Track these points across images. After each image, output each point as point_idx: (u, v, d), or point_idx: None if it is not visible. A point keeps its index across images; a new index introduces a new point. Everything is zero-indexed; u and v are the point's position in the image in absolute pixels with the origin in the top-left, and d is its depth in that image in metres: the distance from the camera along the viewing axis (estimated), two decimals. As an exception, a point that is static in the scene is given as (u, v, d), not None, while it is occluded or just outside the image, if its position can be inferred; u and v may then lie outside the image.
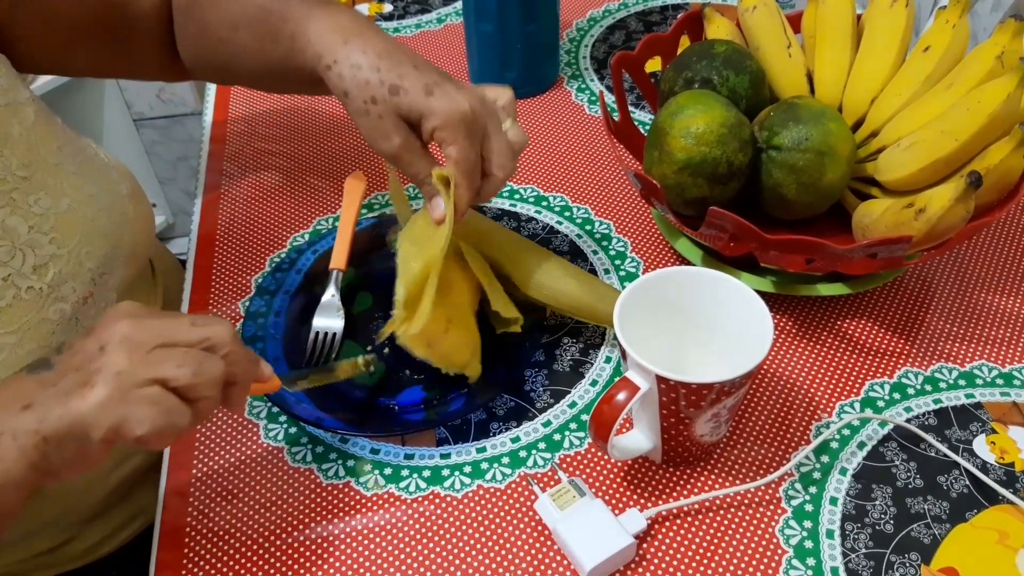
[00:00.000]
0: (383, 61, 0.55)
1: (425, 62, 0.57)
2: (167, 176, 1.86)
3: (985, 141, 0.60)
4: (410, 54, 0.57)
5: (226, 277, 0.72)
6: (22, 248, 0.56)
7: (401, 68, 0.55)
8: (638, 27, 0.99)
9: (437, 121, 0.54)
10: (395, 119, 0.55)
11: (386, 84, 0.55)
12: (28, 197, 0.57)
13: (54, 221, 0.58)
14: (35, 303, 0.57)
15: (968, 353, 0.64)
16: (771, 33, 0.72)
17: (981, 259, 0.71)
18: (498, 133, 0.57)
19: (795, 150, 0.62)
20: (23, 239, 0.57)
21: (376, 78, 0.55)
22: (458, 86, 0.55)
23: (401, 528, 0.55)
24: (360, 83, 0.55)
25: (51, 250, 0.58)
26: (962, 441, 0.58)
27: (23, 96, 0.59)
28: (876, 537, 0.53)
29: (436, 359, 0.58)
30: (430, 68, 0.56)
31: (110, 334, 0.44)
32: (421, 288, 0.55)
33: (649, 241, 0.73)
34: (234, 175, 0.82)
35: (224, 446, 0.60)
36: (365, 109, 0.55)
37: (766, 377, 0.62)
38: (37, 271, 0.57)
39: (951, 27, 0.67)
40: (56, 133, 0.61)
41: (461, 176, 0.55)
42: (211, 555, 0.54)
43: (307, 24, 0.58)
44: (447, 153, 0.55)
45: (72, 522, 0.68)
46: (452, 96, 0.54)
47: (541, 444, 0.59)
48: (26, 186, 0.57)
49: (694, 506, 0.55)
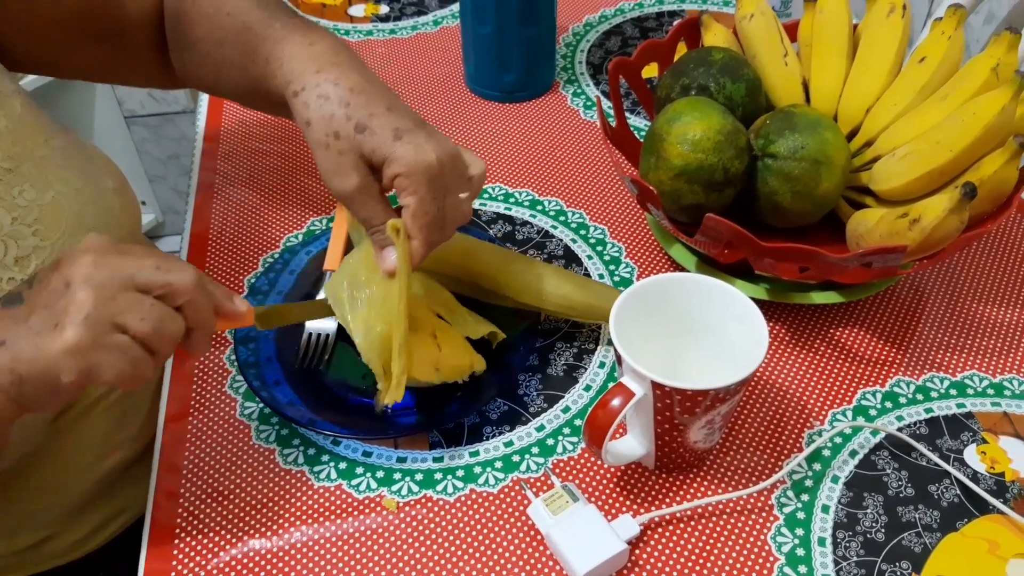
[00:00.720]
0: (355, 97, 0.53)
1: (403, 106, 0.54)
2: (157, 174, 1.85)
3: (979, 152, 0.60)
4: (387, 95, 0.54)
5: (219, 277, 0.71)
6: (4, 239, 0.56)
7: (373, 107, 0.53)
8: (634, 33, 0.99)
9: (400, 168, 0.51)
10: (356, 158, 0.53)
11: (353, 120, 0.52)
12: (12, 189, 0.57)
13: (38, 213, 0.58)
14: None
15: (959, 363, 0.64)
16: (768, 41, 0.72)
17: (974, 270, 0.71)
18: (455, 194, 0.54)
19: (791, 158, 0.63)
20: (6, 230, 0.56)
21: (343, 113, 0.53)
22: (430, 134, 0.53)
23: (393, 532, 0.55)
24: (325, 115, 0.53)
25: (34, 242, 0.58)
26: (953, 450, 0.58)
27: (9, 89, 0.59)
28: (867, 545, 0.53)
29: (448, 375, 0.59)
30: (405, 113, 0.54)
31: (74, 270, 0.44)
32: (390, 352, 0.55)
33: (643, 247, 0.74)
34: (228, 174, 0.82)
35: (215, 447, 0.59)
36: (326, 143, 0.53)
37: (759, 384, 0.63)
38: (19, 263, 0.57)
39: (946, 38, 0.67)
40: (44, 126, 0.61)
41: (417, 228, 0.52)
42: (201, 556, 0.54)
43: (282, 47, 0.57)
44: (405, 203, 0.52)
45: (53, 517, 0.68)
46: (421, 145, 0.51)
47: (534, 449, 0.59)
48: (10, 178, 0.57)
49: (687, 512, 0.55)
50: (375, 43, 0.98)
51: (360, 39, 0.98)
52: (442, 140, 0.53)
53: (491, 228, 0.75)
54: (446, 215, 0.54)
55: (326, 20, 1.01)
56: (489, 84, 0.88)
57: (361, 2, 1.04)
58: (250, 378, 0.60)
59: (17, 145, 0.58)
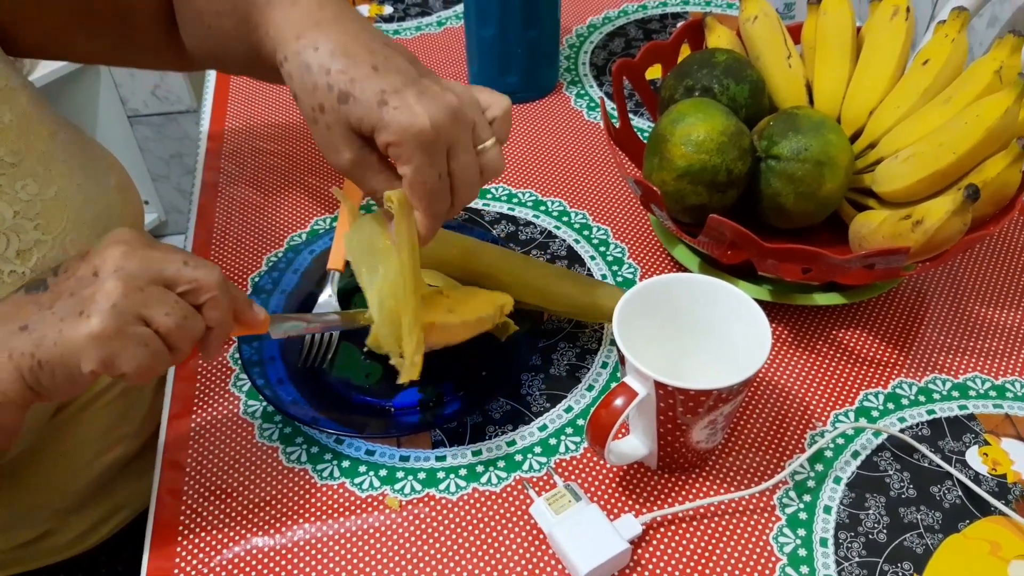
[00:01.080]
0: (336, 61, 0.48)
1: (393, 61, 0.49)
2: (160, 173, 1.86)
3: (982, 155, 0.61)
4: (374, 52, 0.49)
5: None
6: (6, 233, 0.56)
7: (356, 70, 0.48)
8: (637, 34, 0.99)
9: (390, 136, 0.47)
10: (345, 130, 0.49)
11: (335, 90, 0.48)
12: (15, 183, 0.57)
13: (40, 208, 0.58)
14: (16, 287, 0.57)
15: (962, 365, 0.64)
16: (771, 43, 0.73)
17: (976, 272, 0.71)
18: (467, 151, 0.49)
19: (794, 160, 0.63)
20: (8, 224, 0.56)
21: (324, 82, 0.48)
22: (421, 92, 0.48)
23: (396, 530, 0.55)
24: (308, 87, 0.49)
25: (35, 236, 0.57)
26: (955, 452, 0.58)
27: (15, 82, 0.59)
28: (869, 546, 0.53)
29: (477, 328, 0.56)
30: (394, 69, 0.48)
31: (103, 259, 0.44)
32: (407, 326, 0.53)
33: (646, 247, 0.74)
34: (231, 173, 0.82)
35: (218, 445, 0.60)
36: (313, 117, 0.49)
37: (761, 385, 0.63)
38: (20, 256, 0.57)
39: (950, 41, 0.67)
40: (48, 120, 0.61)
41: (417, 199, 0.49)
42: (204, 554, 0.54)
43: (268, 11, 0.53)
44: (401, 172, 0.49)
45: (53, 512, 0.68)
46: (410, 107, 0.47)
47: (537, 448, 0.59)
48: (13, 172, 0.57)
49: (689, 512, 0.55)
50: (379, 43, 0.98)
51: (364, 39, 0.98)
52: (437, 96, 0.48)
53: (494, 228, 0.75)
54: (457, 177, 0.49)
55: None
56: (492, 85, 0.87)
57: (365, 3, 1.05)
58: (254, 376, 0.60)
59: (21, 139, 0.58)
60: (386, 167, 0.51)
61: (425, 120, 0.47)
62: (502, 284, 0.63)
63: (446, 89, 0.49)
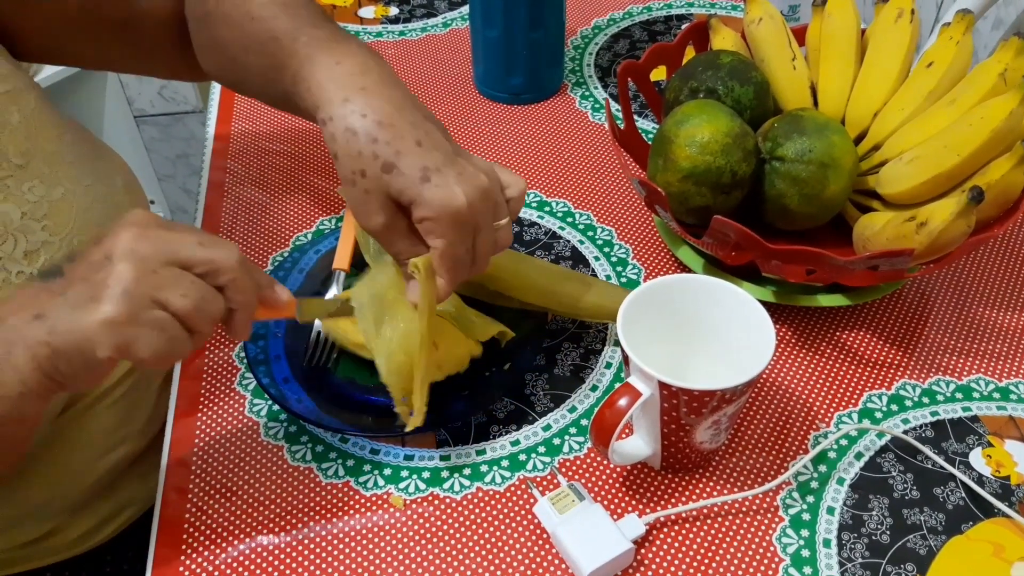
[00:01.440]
0: (383, 131, 0.50)
1: (434, 137, 0.51)
2: (166, 173, 1.86)
3: (987, 157, 0.61)
4: (416, 127, 0.51)
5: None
6: (14, 234, 0.57)
7: (401, 143, 0.49)
8: (642, 36, 0.99)
9: (428, 212, 0.49)
10: (383, 198, 0.50)
11: (380, 159, 0.49)
12: (23, 184, 0.57)
13: (47, 209, 0.58)
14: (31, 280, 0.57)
15: (965, 367, 0.64)
16: (776, 45, 0.73)
17: (980, 274, 0.71)
18: (489, 229, 0.52)
19: (798, 162, 0.63)
20: (15, 225, 0.57)
21: (370, 151, 0.49)
22: (460, 173, 0.50)
23: (400, 529, 0.55)
24: (352, 153, 0.50)
25: (43, 237, 0.58)
26: (958, 454, 0.59)
27: (23, 83, 0.59)
28: (872, 547, 0.53)
29: (450, 369, 0.60)
30: (436, 146, 0.50)
31: (115, 242, 0.44)
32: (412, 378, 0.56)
33: (650, 248, 0.74)
34: (237, 174, 0.82)
35: (224, 443, 0.60)
36: (352, 179, 0.50)
37: (765, 386, 0.63)
38: (28, 257, 0.57)
39: (955, 43, 0.67)
40: (56, 121, 0.61)
41: (444, 271, 0.51)
42: (209, 552, 0.54)
43: (311, 67, 0.54)
44: (433, 245, 0.51)
45: (58, 510, 0.68)
46: (450, 188, 0.49)
47: (541, 448, 0.59)
48: (21, 174, 0.57)
49: (692, 513, 0.55)
50: (385, 45, 0.98)
51: (370, 40, 0.99)
52: (472, 177, 0.50)
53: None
54: (477, 250, 0.52)
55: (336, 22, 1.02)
56: (498, 86, 0.89)
57: (371, 4, 1.05)
58: (259, 375, 0.60)
59: (29, 140, 0.58)
60: (413, 234, 0.52)
61: (463, 200, 0.49)
62: (506, 285, 0.63)
63: (478, 169, 0.51)
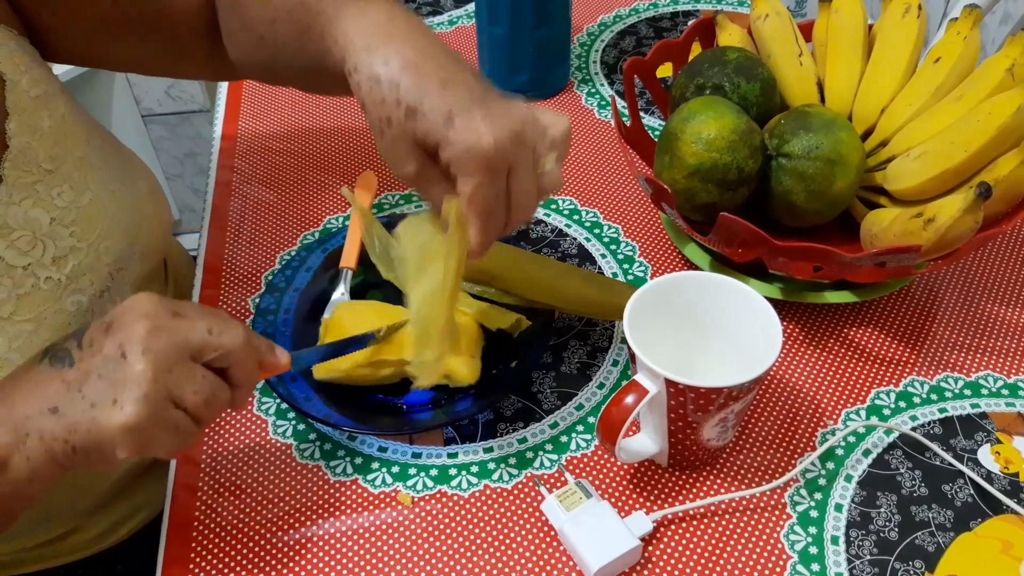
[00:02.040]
0: (406, 76, 0.48)
1: (461, 77, 0.50)
2: (174, 172, 1.87)
3: (994, 152, 0.60)
4: (442, 68, 0.49)
5: (236, 273, 0.72)
6: (43, 239, 0.57)
7: (425, 86, 0.48)
8: (648, 33, 0.99)
9: (453, 153, 0.48)
10: (410, 144, 0.49)
11: (403, 105, 0.48)
12: (52, 190, 0.58)
13: (75, 215, 0.59)
14: (53, 293, 0.58)
15: (974, 363, 0.64)
16: (783, 41, 0.72)
17: (988, 270, 0.71)
18: (527, 170, 0.50)
19: (805, 158, 0.63)
20: (44, 230, 0.57)
21: (393, 97, 0.48)
22: (488, 113, 0.48)
23: (408, 526, 0.55)
24: (376, 100, 0.49)
25: (71, 243, 0.59)
26: (967, 450, 0.58)
27: (54, 89, 0.60)
28: (881, 544, 0.53)
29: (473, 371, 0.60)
30: (462, 86, 0.49)
31: (129, 336, 0.44)
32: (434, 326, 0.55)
33: (657, 246, 0.74)
34: (245, 173, 0.82)
35: (233, 442, 0.60)
36: (380, 128, 0.50)
37: (773, 383, 0.63)
38: (56, 262, 0.58)
39: (962, 39, 0.67)
40: (85, 125, 0.62)
41: (473, 215, 0.49)
42: (219, 549, 0.54)
43: (337, 22, 0.53)
44: (460, 189, 0.49)
45: (77, 512, 0.69)
46: (475, 127, 0.47)
47: (548, 445, 0.59)
48: (50, 179, 0.58)
49: (700, 510, 0.55)
50: (391, 43, 0.98)
51: (376, 39, 0.99)
52: (502, 118, 0.48)
53: (506, 227, 0.75)
54: (514, 196, 0.50)
55: None
56: (503, 84, 0.89)
57: (377, 2, 1.05)
58: (267, 374, 0.60)
59: (58, 146, 0.59)
60: (448, 180, 0.50)
61: (489, 140, 0.47)
62: (513, 282, 0.63)
63: (511, 109, 0.49)
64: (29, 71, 0.58)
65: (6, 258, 0.56)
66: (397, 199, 0.79)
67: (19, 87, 0.57)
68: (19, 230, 0.56)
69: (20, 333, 0.56)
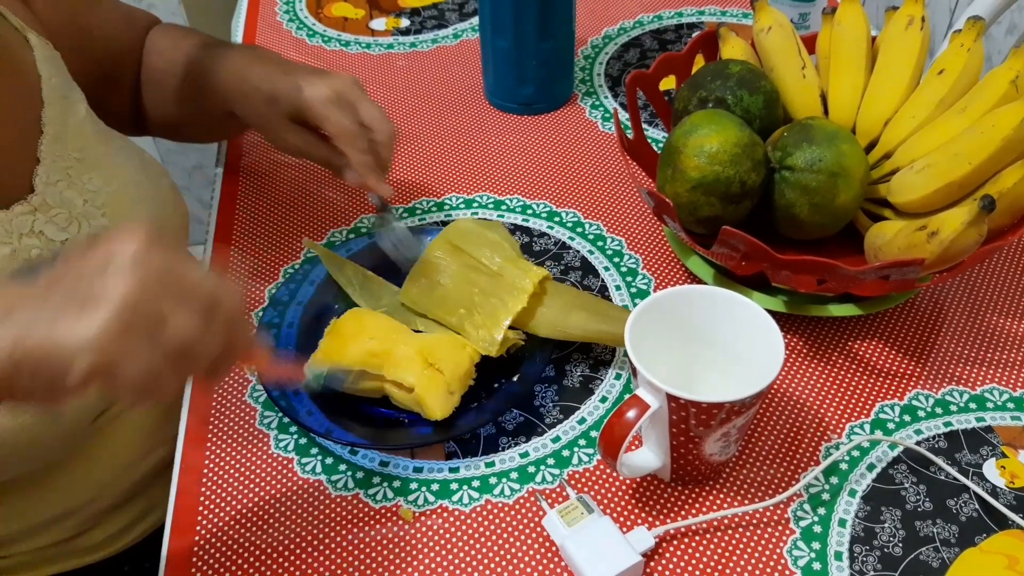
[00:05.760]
0: (262, 82, 0.66)
1: (296, 66, 0.68)
2: (182, 185, 1.87)
3: (998, 165, 0.60)
4: (280, 61, 0.68)
5: (240, 286, 0.72)
6: (78, 218, 0.62)
7: (273, 80, 0.66)
8: (652, 45, 0.99)
9: (311, 107, 0.64)
10: (285, 123, 0.66)
11: (265, 98, 0.66)
12: (82, 176, 0.63)
13: (105, 199, 0.64)
14: None
15: (979, 376, 0.64)
16: (786, 54, 0.72)
17: (993, 282, 0.70)
18: (368, 101, 0.65)
19: (808, 171, 0.63)
20: (79, 210, 0.62)
21: (258, 96, 0.66)
22: (321, 76, 0.65)
23: (409, 541, 0.55)
24: (250, 105, 0.67)
25: (103, 223, 0.63)
26: (972, 465, 0.58)
27: (76, 96, 0.66)
28: (885, 560, 0.53)
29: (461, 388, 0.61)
30: (299, 68, 0.67)
31: (120, 248, 0.38)
32: None
33: (661, 258, 0.74)
34: (250, 186, 0.83)
35: (235, 456, 0.60)
36: (260, 124, 0.68)
37: (776, 397, 0.62)
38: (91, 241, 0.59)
39: (966, 50, 0.67)
40: (102, 130, 0.67)
41: (345, 145, 0.64)
42: (219, 563, 0.54)
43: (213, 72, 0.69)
44: (327, 130, 0.64)
45: (91, 513, 0.70)
46: (315, 86, 0.64)
47: (550, 460, 0.59)
48: (79, 167, 0.63)
49: (702, 525, 0.55)
50: (396, 56, 0.99)
51: (381, 52, 0.99)
52: (332, 77, 0.65)
53: (509, 239, 0.75)
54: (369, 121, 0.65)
55: (348, 34, 1.02)
56: (508, 97, 0.89)
57: (382, 16, 1.06)
58: (269, 388, 0.60)
59: (83, 140, 0.64)
60: (323, 139, 0.66)
61: (327, 89, 0.64)
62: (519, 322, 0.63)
63: (332, 73, 0.66)
64: (60, 74, 0.64)
65: (47, 232, 0.59)
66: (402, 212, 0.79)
67: (51, 84, 0.63)
68: (56, 208, 0.61)
69: None
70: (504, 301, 0.62)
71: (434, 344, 0.61)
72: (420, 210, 0.79)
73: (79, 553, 0.71)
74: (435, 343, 0.61)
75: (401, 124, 0.88)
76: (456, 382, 0.59)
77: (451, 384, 0.59)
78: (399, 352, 0.60)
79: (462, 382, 0.60)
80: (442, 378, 0.59)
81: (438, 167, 0.83)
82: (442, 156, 0.85)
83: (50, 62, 0.64)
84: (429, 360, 0.59)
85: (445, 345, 0.61)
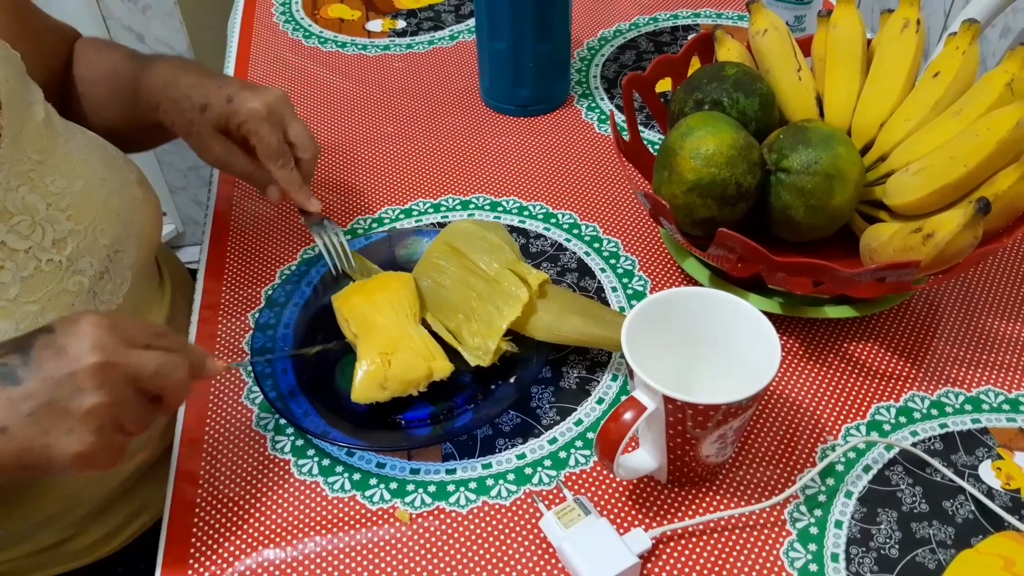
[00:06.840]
0: (193, 90, 0.67)
1: (227, 78, 0.69)
2: (178, 185, 1.87)
3: (994, 167, 0.60)
4: (215, 75, 0.70)
5: (236, 287, 0.72)
6: (41, 224, 0.61)
7: (206, 90, 0.67)
8: (648, 47, 0.99)
9: (240, 119, 0.65)
10: (212, 132, 0.67)
11: (196, 106, 0.67)
12: (44, 178, 0.62)
13: (69, 200, 0.63)
14: (55, 275, 0.61)
15: (975, 378, 0.64)
16: (781, 56, 0.73)
17: (988, 285, 0.71)
18: (295, 120, 0.68)
19: (804, 173, 0.63)
20: (42, 215, 0.61)
21: (189, 104, 0.67)
22: (254, 91, 0.66)
23: (406, 543, 0.55)
24: (180, 112, 0.68)
25: (68, 226, 0.62)
26: (968, 466, 0.58)
27: (34, 96, 0.64)
28: (881, 561, 0.53)
29: (399, 389, 0.60)
30: (231, 82, 0.68)
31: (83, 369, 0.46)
32: None
33: (657, 260, 0.74)
34: (246, 187, 0.83)
35: (231, 457, 0.60)
36: (188, 131, 0.68)
37: (772, 399, 0.63)
38: (56, 245, 0.61)
39: (961, 53, 0.67)
40: (63, 130, 0.66)
41: (267, 160, 0.66)
42: (216, 565, 0.54)
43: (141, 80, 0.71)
44: (254, 143, 0.66)
45: (78, 517, 0.69)
46: (247, 99, 0.65)
47: (547, 461, 0.59)
48: (41, 168, 0.62)
49: (699, 527, 0.55)
50: (392, 57, 0.99)
51: (377, 53, 0.99)
52: (263, 91, 0.67)
53: (505, 241, 0.75)
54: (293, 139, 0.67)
55: (344, 35, 1.02)
56: (504, 98, 0.89)
57: (378, 17, 1.06)
58: (266, 389, 0.60)
59: (43, 141, 0.63)
60: (246, 153, 0.68)
61: (259, 103, 0.65)
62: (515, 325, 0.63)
63: (265, 88, 0.68)
64: (16, 75, 0.63)
65: (8, 242, 0.58)
66: (396, 214, 0.79)
67: (8, 85, 0.61)
68: (19, 215, 0.59)
69: (26, 315, 0.58)
70: (500, 309, 0.62)
71: (405, 340, 0.61)
72: (416, 212, 0.79)
73: (69, 557, 0.71)
74: (405, 340, 0.61)
75: (398, 126, 0.88)
76: (395, 382, 0.59)
77: (388, 380, 0.59)
78: (380, 322, 0.62)
79: (403, 386, 0.60)
80: (383, 371, 0.59)
81: (434, 169, 0.83)
82: (438, 158, 0.85)
83: (5, 63, 0.62)
84: (389, 349, 0.60)
85: (413, 347, 0.61)
